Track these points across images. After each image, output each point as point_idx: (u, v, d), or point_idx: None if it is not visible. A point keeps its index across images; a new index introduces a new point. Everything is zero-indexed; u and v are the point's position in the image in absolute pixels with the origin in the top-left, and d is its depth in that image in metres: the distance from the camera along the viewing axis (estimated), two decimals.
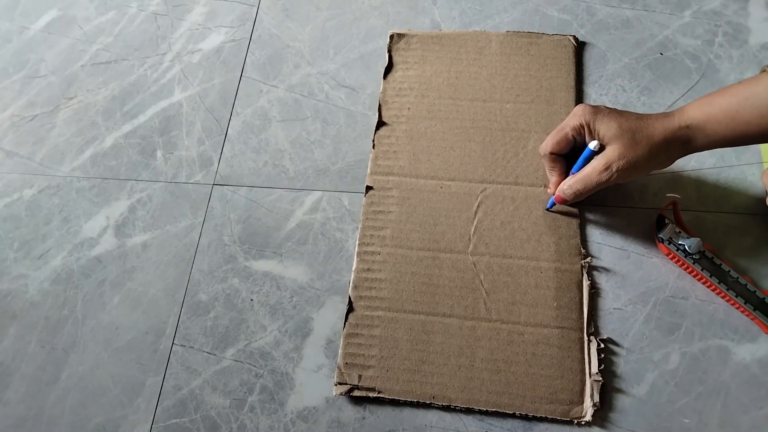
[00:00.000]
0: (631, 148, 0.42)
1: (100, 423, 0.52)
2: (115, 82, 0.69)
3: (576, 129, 0.45)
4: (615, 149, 0.42)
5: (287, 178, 0.60)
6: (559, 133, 0.46)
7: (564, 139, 0.46)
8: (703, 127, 0.41)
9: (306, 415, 0.50)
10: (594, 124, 0.43)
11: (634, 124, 0.42)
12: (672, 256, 0.49)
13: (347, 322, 0.52)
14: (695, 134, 0.41)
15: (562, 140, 0.46)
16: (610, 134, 0.43)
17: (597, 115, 0.43)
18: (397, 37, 0.64)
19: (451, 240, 0.54)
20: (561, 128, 0.46)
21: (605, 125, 0.43)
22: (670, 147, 0.42)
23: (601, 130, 0.43)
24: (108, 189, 0.62)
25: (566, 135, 0.46)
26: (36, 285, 0.58)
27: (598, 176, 0.43)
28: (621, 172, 0.42)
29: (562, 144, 0.46)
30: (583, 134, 0.45)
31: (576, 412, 0.46)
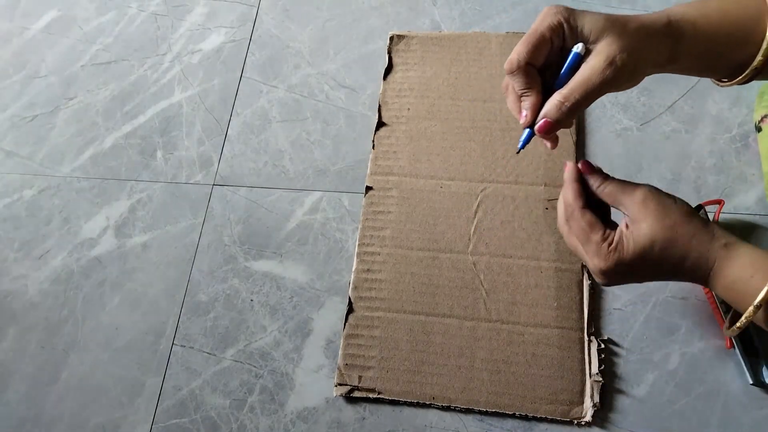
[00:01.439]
0: (628, 38, 0.35)
1: (100, 423, 0.52)
2: (115, 83, 0.69)
3: (553, 28, 0.35)
4: (611, 42, 0.34)
5: (287, 179, 0.60)
6: (534, 36, 0.36)
7: (542, 42, 0.35)
8: (694, 21, 0.36)
9: (306, 415, 0.50)
10: (575, 20, 0.35)
11: (620, 16, 0.36)
12: None
13: (347, 323, 0.52)
14: (686, 30, 0.36)
15: (540, 44, 0.36)
16: (598, 27, 0.35)
17: (574, 11, 0.36)
18: (396, 39, 0.64)
19: (451, 240, 0.54)
20: (534, 30, 0.36)
21: (589, 19, 0.35)
22: (663, 41, 0.36)
23: (585, 25, 0.35)
24: (108, 189, 0.62)
25: (543, 36, 0.35)
26: (36, 285, 0.58)
27: (602, 75, 0.34)
28: (626, 66, 0.34)
29: (540, 49, 0.36)
30: (562, 35, 0.36)
31: (576, 413, 0.46)
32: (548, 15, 0.36)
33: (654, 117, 0.57)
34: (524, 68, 0.36)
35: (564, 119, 0.36)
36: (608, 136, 0.57)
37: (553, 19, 0.35)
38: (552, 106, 0.36)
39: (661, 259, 0.37)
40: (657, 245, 0.37)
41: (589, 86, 0.35)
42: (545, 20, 0.36)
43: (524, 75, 0.37)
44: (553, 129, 0.37)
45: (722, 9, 0.37)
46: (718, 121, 0.56)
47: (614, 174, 0.55)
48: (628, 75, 0.35)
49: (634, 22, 0.35)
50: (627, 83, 0.37)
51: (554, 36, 0.36)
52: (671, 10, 0.37)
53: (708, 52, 0.37)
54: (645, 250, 0.37)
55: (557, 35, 0.36)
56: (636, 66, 0.35)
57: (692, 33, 0.36)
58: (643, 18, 0.36)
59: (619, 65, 0.34)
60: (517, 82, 0.37)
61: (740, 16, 0.36)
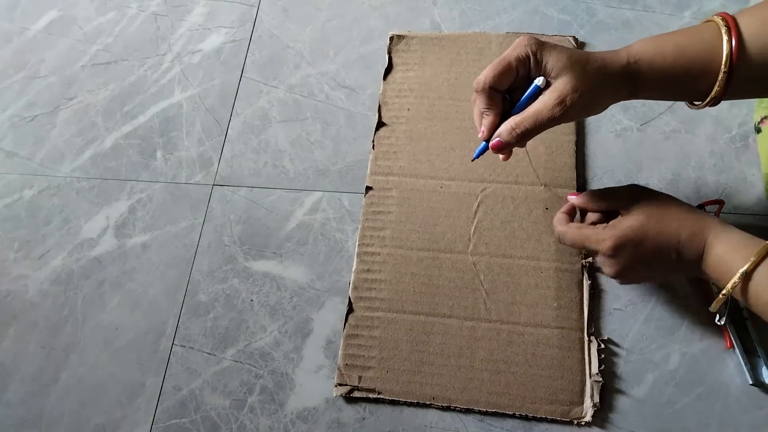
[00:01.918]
0: (583, 80, 0.38)
1: (99, 423, 0.52)
2: (115, 83, 0.69)
3: (520, 60, 0.39)
4: (567, 82, 0.38)
5: (287, 179, 0.60)
6: (501, 64, 0.40)
7: (507, 71, 0.40)
8: (651, 60, 0.39)
9: (306, 415, 0.50)
10: (541, 55, 0.39)
11: (583, 56, 0.39)
12: None
13: (347, 323, 0.52)
14: (643, 69, 0.40)
15: (505, 72, 0.40)
16: (560, 65, 0.38)
17: (543, 45, 0.39)
18: (396, 39, 0.64)
19: (451, 240, 0.54)
20: (503, 59, 0.40)
21: (554, 56, 0.39)
22: (621, 80, 0.40)
23: (549, 61, 0.39)
24: (108, 189, 0.62)
25: (510, 65, 0.40)
26: (36, 285, 0.58)
27: (551, 111, 0.39)
28: (574, 107, 0.38)
29: (504, 77, 0.40)
30: (527, 66, 0.40)
31: (576, 413, 0.46)
32: (519, 45, 0.40)
33: (654, 117, 0.57)
34: (488, 91, 0.41)
35: (514, 142, 0.41)
36: (608, 136, 0.57)
37: (522, 51, 0.39)
38: (504, 129, 0.41)
39: (658, 233, 0.40)
40: (653, 218, 0.41)
41: (538, 119, 0.39)
42: (515, 50, 0.40)
43: (487, 96, 0.41)
44: (505, 148, 0.42)
45: (678, 45, 0.40)
46: (718, 122, 0.56)
47: (614, 174, 0.56)
48: (577, 112, 0.39)
49: (594, 63, 0.39)
50: (585, 115, 0.42)
51: (520, 66, 0.40)
52: (631, 48, 0.41)
53: (667, 85, 0.41)
54: (642, 224, 0.41)
55: (523, 66, 0.40)
56: (587, 104, 0.39)
57: (649, 71, 0.40)
58: (604, 58, 0.40)
59: (568, 104, 0.38)
60: (480, 101, 0.42)
61: (696, 50, 0.39)
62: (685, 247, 0.40)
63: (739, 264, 0.37)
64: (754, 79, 0.39)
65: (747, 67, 0.38)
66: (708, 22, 0.40)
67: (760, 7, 0.38)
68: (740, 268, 0.36)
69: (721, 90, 0.39)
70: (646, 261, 0.41)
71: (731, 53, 0.37)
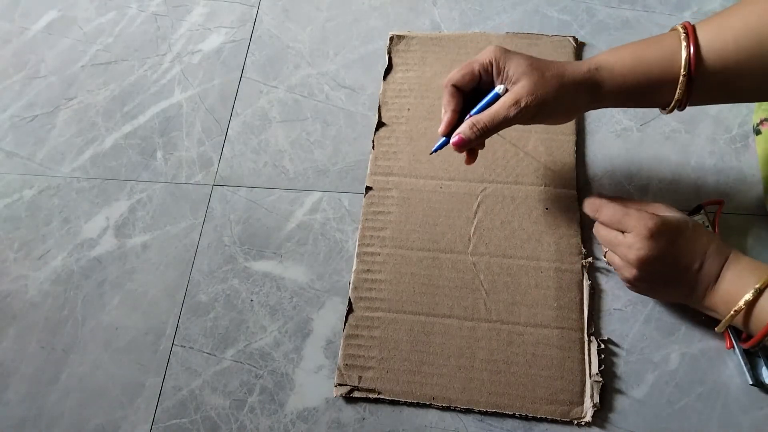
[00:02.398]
0: (541, 85, 0.41)
1: (99, 424, 0.52)
2: (115, 83, 0.69)
3: (483, 65, 0.43)
4: (524, 85, 0.41)
5: (287, 179, 0.60)
6: (466, 67, 0.44)
7: (469, 73, 0.44)
8: (611, 68, 0.42)
9: (306, 415, 0.50)
10: (503, 62, 0.42)
11: (543, 63, 0.42)
12: None
13: (347, 323, 0.52)
14: (604, 77, 0.42)
15: (468, 74, 0.44)
16: (519, 71, 0.42)
17: (507, 54, 0.43)
18: (396, 39, 0.64)
19: (451, 240, 0.54)
20: (469, 63, 0.44)
21: (515, 63, 0.42)
22: (579, 88, 0.42)
23: (510, 68, 0.42)
24: (108, 190, 0.62)
25: (473, 69, 0.44)
26: (36, 286, 0.58)
27: (507, 111, 0.42)
28: (529, 108, 0.41)
29: (466, 78, 0.44)
30: (490, 72, 0.44)
31: (576, 413, 0.46)
32: (486, 53, 0.43)
33: (654, 117, 0.57)
34: (450, 89, 0.45)
35: (474, 138, 0.43)
36: (608, 136, 0.57)
37: (485, 58, 0.43)
38: (465, 125, 0.43)
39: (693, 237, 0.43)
40: (690, 224, 0.43)
41: (495, 117, 0.42)
42: (481, 57, 0.44)
43: (449, 93, 0.45)
44: (466, 145, 0.44)
45: (638, 53, 0.42)
46: (718, 122, 0.56)
47: (614, 174, 0.56)
48: (533, 114, 0.42)
49: (552, 70, 0.42)
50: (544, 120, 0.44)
51: (482, 71, 0.44)
52: (593, 58, 0.43)
53: (629, 92, 0.43)
54: (680, 223, 0.43)
55: (485, 71, 0.44)
56: (544, 108, 0.42)
57: (610, 79, 0.42)
58: (565, 67, 0.42)
59: (522, 106, 0.41)
60: (444, 96, 0.45)
61: (656, 57, 0.41)
62: (710, 257, 0.42)
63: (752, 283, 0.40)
64: (714, 84, 0.40)
65: (706, 73, 0.39)
66: (672, 31, 0.42)
67: (719, 15, 0.40)
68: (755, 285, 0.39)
69: (684, 94, 0.41)
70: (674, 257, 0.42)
71: (689, 58, 0.39)
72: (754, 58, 0.38)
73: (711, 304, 0.42)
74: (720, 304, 0.41)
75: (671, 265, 0.43)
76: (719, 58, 0.39)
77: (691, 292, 0.43)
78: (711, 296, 0.42)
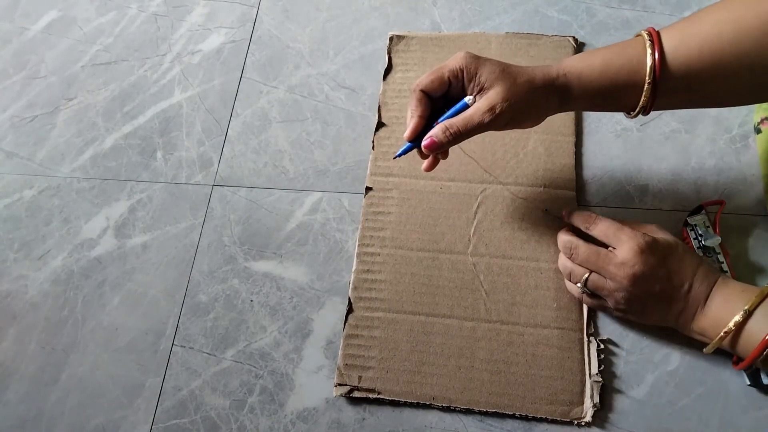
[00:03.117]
0: (513, 91, 0.41)
1: (99, 424, 0.52)
2: (115, 83, 0.69)
3: (453, 72, 0.43)
4: (498, 92, 0.41)
5: (287, 179, 0.60)
6: (436, 72, 0.43)
7: (439, 79, 0.43)
8: (579, 73, 0.42)
9: (306, 416, 0.50)
10: (474, 68, 0.42)
11: (515, 69, 0.43)
12: (687, 242, 0.49)
13: (347, 323, 0.52)
14: (572, 81, 0.42)
15: (437, 80, 0.43)
16: (492, 77, 0.42)
17: (478, 60, 0.43)
18: (396, 39, 0.64)
19: (450, 241, 0.54)
20: (439, 68, 0.44)
21: (487, 69, 0.42)
22: (550, 92, 0.43)
23: (483, 74, 0.42)
24: (108, 190, 0.63)
25: (442, 75, 0.43)
26: (36, 286, 0.58)
27: (481, 117, 0.42)
28: (504, 114, 0.41)
29: (435, 84, 0.43)
30: (459, 78, 0.43)
31: (576, 413, 0.46)
32: (456, 59, 0.43)
33: (654, 117, 0.57)
34: (418, 93, 0.44)
35: (445, 142, 0.43)
36: (608, 136, 0.57)
37: (455, 65, 0.43)
38: (438, 129, 0.43)
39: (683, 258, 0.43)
40: (680, 245, 0.44)
41: (469, 122, 0.42)
42: (451, 63, 0.43)
43: (416, 98, 0.44)
44: (437, 148, 0.44)
45: (605, 59, 0.42)
46: (718, 122, 0.56)
47: (614, 175, 0.56)
48: (505, 120, 0.42)
49: (524, 76, 0.42)
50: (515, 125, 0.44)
51: (452, 77, 0.43)
52: (562, 63, 0.43)
53: (596, 97, 0.43)
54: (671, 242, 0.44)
55: (455, 77, 0.43)
56: (516, 114, 0.42)
57: (578, 84, 0.43)
58: (535, 73, 0.43)
59: (497, 112, 0.41)
60: (411, 100, 0.45)
61: (622, 63, 0.41)
62: (699, 279, 0.42)
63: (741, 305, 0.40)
64: (678, 90, 0.41)
65: (671, 79, 0.40)
66: (637, 37, 0.42)
67: (683, 21, 0.41)
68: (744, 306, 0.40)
69: (648, 101, 0.41)
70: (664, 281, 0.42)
71: (654, 65, 0.40)
72: (718, 65, 0.39)
73: (700, 328, 0.42)
74: (709, 328, 0.41)
75: (664, 282, 0.42)
76: (683, 65, 0.40)
77: (681, 314, 0.43)
78: (700, 319, 0.42)
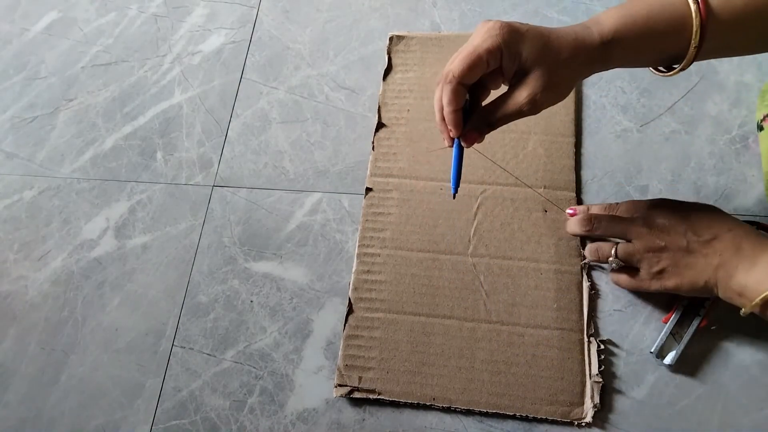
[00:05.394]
0: (555, 77, 0.38)
1: (99, 424, 0.52)
2: (115, 84, 0.69)
3: (492, 52, 0.37)
4: (538, 77, 0.38)
5: (287, 180, 0.60)
6: (472, 57, 0.37)
7: (478, 65, 0.38)
8: (623, 39, 0.38)
9: (306, 416, 0.50)
10: (515, 45, 0.37)
11: (556, 43, 0.38)
12: None
13: (347, 324, 0.52)
14: (615, 49, 0.39)
15: (477, 66, 0.38)
16: (533, 57, 0.37)
17: (517, 33, 0.37)
18: (396, 39, 0.64)
19: (451, 242, 0.54)
20: (473, 51, 0.37)
21: (528, 45, 0.37)
22: (592, 64, 0.40)
23: (524, 50, 0.37)
24: (108, 190, 0.63)
25: (480, 59, 0.37)
26: (36, 286, 0.58)
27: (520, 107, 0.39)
28: (543, 103, 0.39)
29: (476, 70, 0.38)
30: (498, 58, 0.38)
31: (576, 414, 0.46)
32: (490, 36, 0.37)
33: (654, 118, 0.57)
34: (455, 87, 0.39)
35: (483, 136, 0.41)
36: (608, 137, 0.57)
37: (493, 42, 0.37)
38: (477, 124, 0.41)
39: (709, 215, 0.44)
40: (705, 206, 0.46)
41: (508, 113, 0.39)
42: (486, 41, 0.37)
43: (453, 92, 0.39)
44: (475, 141, 0.42)
45: (649, 24, 0.38)
46: (718, 123, 0.56)
47: (614, 175, 0.56)
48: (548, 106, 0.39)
49: (566, 50, 0.38)
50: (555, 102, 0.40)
51: (491, 59, 0.38)
52: (602, 25, 0.39)
53: (638, 62, 0.41)
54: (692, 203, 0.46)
55: (494, 58, 0.38)
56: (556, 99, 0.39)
57: (622, 54, 0.39)
58: (577, 43, 0.38)
59: (539, 102, 0.38)
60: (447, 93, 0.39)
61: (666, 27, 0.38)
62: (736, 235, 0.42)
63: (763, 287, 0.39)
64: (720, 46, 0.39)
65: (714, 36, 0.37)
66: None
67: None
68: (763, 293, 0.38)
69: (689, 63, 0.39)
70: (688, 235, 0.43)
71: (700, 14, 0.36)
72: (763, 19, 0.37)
73: (740, 285, 0.40)
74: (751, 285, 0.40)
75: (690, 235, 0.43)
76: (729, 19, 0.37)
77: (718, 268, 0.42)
78: (743, 275, 0.40)
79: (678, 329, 0.47)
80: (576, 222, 0.50)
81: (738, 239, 0.42)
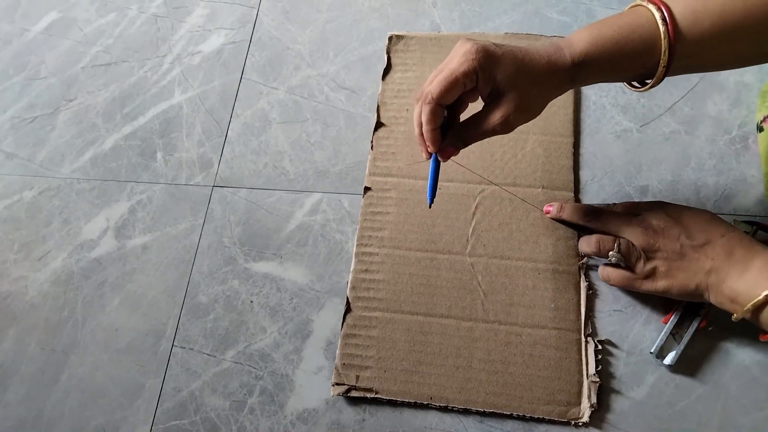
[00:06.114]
0: (528, 98, 0.40)
1: (99, 425, 0.52)
2: (115, 84, 0.69)
3: (468, 75, 0.39)
4: (512, 98, 0.39)
5: (287, 180, 0.60)
6: (449, 80, 0.39)
7: (456, 87, 0.39)
8: (594, 61, 0.40)
9: (306, 416, 0.50)
10: (489, 69, 0.39)
11: (529, 66, 0.39)
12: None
13: (345, 323, 0.52)
14: (586, 69, 0.40)
15: (454, 88, 0.39)
16: (507, 81, 0.39)
17: (492, 58, 0.39)
18: (395, 39, 0.64)
19: (449, 241, 0.54)
20: (450, 74, 0.39)
21: (502, 69, 0.39)
22: (563, 82, 0.41)
23: (498, 73, 0.39)
24: (108, 191, 0.63)
25: (457, 81, 0.39)
26: (36, 287, 0.59)
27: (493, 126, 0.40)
28: (516, 123, 0.40)
29: (453, 92, 0.40)
30: (474, 80, 0.40)
31: (573, 413, 0.46)
32: (466, 60, 0.39)
33: (654, 118, 0.57)
34: (434, 108, 0.41)
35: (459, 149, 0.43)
36: (608, 137, 0.57)
37: (469, 66, 0.39)
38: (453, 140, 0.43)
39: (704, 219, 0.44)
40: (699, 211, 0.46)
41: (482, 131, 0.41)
42: (462, 65, 0.39)
43: (432, 113, 0.41)
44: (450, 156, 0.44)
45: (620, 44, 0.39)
46: (718, 123, 0.56)
47: (614, 175, 0.56)
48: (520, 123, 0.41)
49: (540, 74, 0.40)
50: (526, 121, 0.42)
51: (467, 81, 0.40)
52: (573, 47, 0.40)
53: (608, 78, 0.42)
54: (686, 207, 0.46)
55: (470, 80, 0.40)
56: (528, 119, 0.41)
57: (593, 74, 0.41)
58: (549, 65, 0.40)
59: (510, 123, 0.40)
60: (426, 114, 0.41)
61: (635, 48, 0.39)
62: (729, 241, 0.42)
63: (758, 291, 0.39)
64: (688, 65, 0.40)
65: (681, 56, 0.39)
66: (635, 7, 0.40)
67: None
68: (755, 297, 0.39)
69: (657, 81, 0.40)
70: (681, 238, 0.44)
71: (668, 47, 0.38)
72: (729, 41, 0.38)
73: (733, 291, 0.41)
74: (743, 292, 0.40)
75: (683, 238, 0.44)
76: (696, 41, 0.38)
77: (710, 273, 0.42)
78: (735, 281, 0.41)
79: (678, 329, 0.47)
80: (572, 209, 0.51)
81: (731, 245, 0.42)
